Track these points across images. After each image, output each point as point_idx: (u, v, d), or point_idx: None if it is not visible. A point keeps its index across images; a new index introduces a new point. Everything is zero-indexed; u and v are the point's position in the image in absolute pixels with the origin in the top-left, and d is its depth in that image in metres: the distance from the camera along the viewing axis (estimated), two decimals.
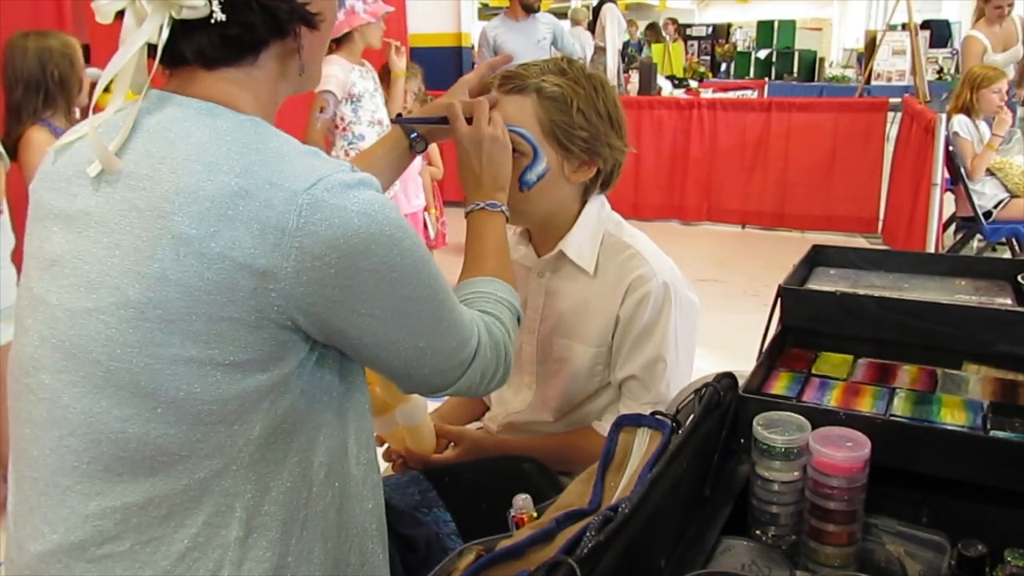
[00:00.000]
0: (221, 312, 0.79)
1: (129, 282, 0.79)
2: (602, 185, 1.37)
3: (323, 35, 0.95)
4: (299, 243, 0.79)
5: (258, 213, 0.78)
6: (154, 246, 0.79)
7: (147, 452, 0.81)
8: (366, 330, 0.86)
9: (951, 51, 11.80)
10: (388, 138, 1.31)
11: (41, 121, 2.52)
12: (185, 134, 0.83)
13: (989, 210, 4.34)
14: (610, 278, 1.35)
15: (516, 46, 4.96)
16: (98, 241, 0.82)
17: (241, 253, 0.78)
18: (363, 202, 0.82)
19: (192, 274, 0.78)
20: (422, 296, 0.89)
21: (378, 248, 0.82)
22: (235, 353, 0.80)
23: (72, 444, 0.83)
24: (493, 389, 1.04)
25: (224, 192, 0.79)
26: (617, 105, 1.33)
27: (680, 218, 6.23)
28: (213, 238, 0.78)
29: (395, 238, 0.84)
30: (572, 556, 0.68)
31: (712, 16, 17.50)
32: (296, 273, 0.79)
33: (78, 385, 0.82)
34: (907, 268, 1.46)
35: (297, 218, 0.79)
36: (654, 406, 1.30)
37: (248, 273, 0.78)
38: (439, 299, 0.91)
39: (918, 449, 0.96)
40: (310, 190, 0.80)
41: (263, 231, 0.78)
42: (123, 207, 0.82)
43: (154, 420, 0.81)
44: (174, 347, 0.79)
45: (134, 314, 0.79)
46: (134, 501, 0.82)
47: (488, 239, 1.16)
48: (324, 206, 0.80)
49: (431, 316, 0.91)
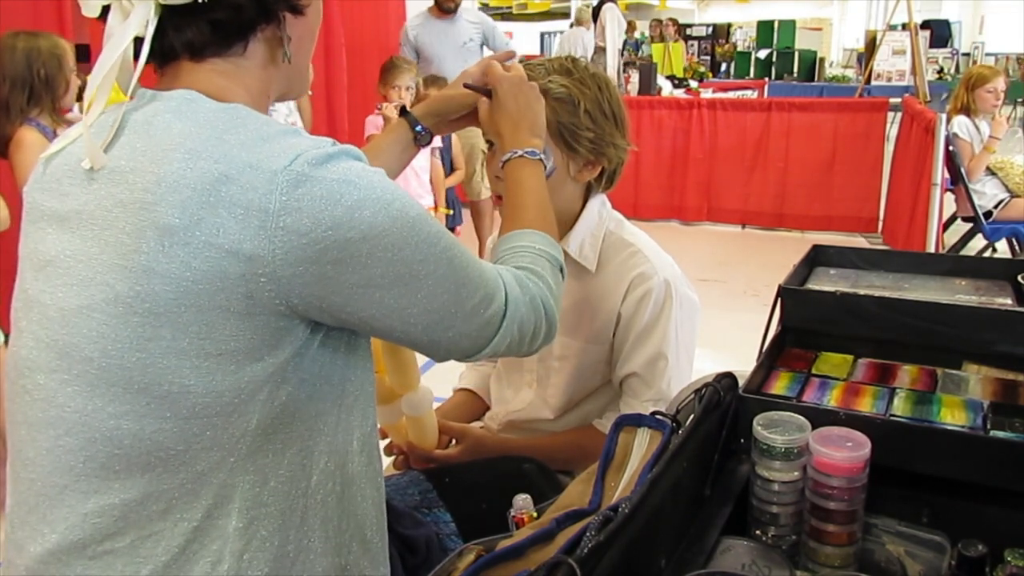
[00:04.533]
0: (211, 301, 0.78)
1: (117, 277, 0.79)
2: (605, 184, 1.38)
3: (309, 24, 0.94)
4: (283, 222, 0.77)
5: (240, 197, 0.77)
6: (139, 239, 0.78)
7: (143, 448, 0.81)
8: (371, 302, 0.83)
9: (951, 51, 11.81)
10: (392, 130, 1.30)
11: (29, 121, 2.54)
12: (166, 125, 0.82)
13: (989, 210, 4.34)
14: (611, 276, 1.35)
15: (438, 48, 4.70)
16: (88, 239, 0.82)
17: (227, 239, 0.77)
18: (344, 171, 0.80)
19: (179, 264, 0.77)
20: (424, 257, 0.85)
21: (365, 215, 0.80)
22: (227, 343, 0.79)
23: (68, 444, 0.83)
24: (540, 347, 0.99)
25: (205, 179, 0.78)
26: (621, 104, 1.34)
27: (680, 218, 6.23)
28: (197, 226, 0.77)
29: (383, 201, 0.81)
30: (572, 556, 0.68)
31: (712, 16, 17.50)
32: (284, 254, 0.78)
33: (72, 384, 0.82)
34: (907, 268, 1.46)
35: (279, 196, 0.77)
36: (655, 403, 1.31)
37: (235, 259, 0.77)
38: (446, 257, 0.87)
39: (918, 449, 0.96)
40: (289, 167, 0.78)
41: (246, 215, 0.77)
42: (109, 203, 0.81)
43: (148, 416, 0.80)
44: (165, 340, 0.79)
45: (124, 309, 0.79)
46: (132, 497, 0.82)
47: (526, 188, 1.12)
48: (305, 180, 0.78)
49: (439, 276, 0.86)
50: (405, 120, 1.30)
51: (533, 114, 1.17)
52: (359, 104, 5.33)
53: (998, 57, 12.98)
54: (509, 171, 1.14)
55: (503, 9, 15.22)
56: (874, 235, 5.64)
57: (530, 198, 1.11)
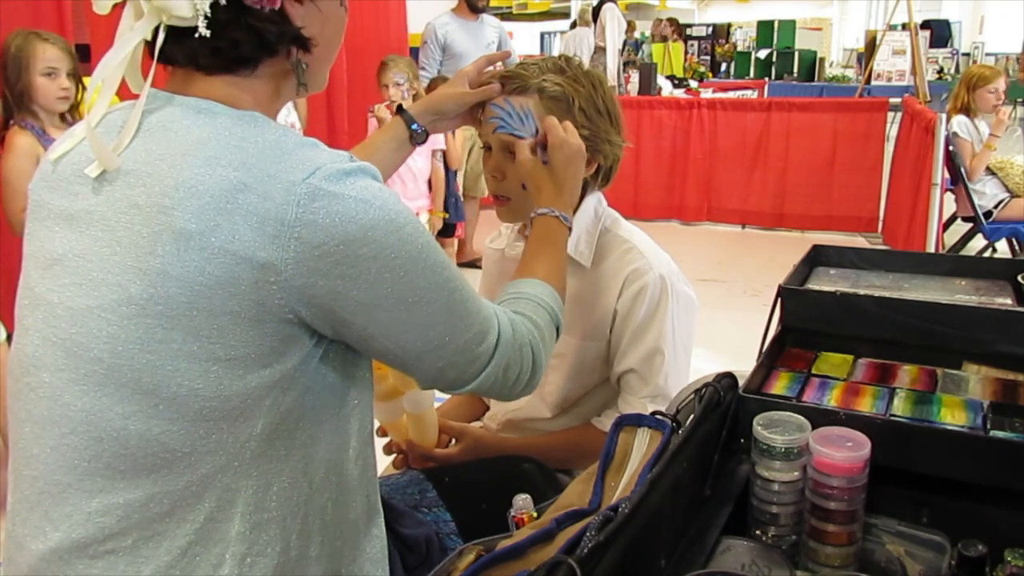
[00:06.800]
0: (223, 306, 0.79)
1: (131, 279, 0.79)
2: (602, 181, 1.38)
3: (323, 53, 0.94)
4: (298, 233, 0.78)
5: (257, 206, 0.78)
6: (155, 242, 0.79)
7: (149, 449, 0.81)
8: (372, 320, 0.85)
9: (951, 51, 11.81)
10: (388, 128, 1.31)
11: (23, 123, 2.54)
12: (184, 131, 0.83)
13: (989, 210, 4.34)
14: (607, 272, 1.36)
15: (466, 47, 4.83)
16: (99, 239, 0.82)
17: (241, 246, 0.78)
18: (361, 189, 0.81)
19: (193, 269, 0.78)
20: (429, 285, 0.87)
21: (378, 235, 0.81)
22: (236, 348, 0.80)
23: (73, 442, 0.83)
24: (521, 393, 1.00)
25: (223, 186, 0.78)
26: (615, 102, 1.34)
27: (680, 218, 6.23)
28: (213, 232, 0.78)
29: (395, 224, 0.83)
30: (572, 556, 0.68)
31: (712, 16, 17.50)
32: (296, 264, 0.79)
33: (79, 383, 0.82)
34: (907, 268, 1.46)
35: (296, 208, 0.78)
36: (653, 400, 1.31)
37: (249, 266, 0.78)
38: (449, 287, 0.89)
39: (918, 449, 0.96)
40: (308, 180, 0.79)
41: (262, 223, 0.78)
42: (123, 204, 0.82)
43: (156, 417, 0.81)
44: (176, 343, 0.79)
45: (136, 311, 0.79)
46: (136, 498, 0.82)
47: (550, 245, 1.15)
48: (322, 195, 0.79)
49: (441, 306, 0.88)
50: (401, 118, 1.30)
51: (576, 183, 1.24)
52: (359, 104, 5.33)
53: (998, 57, 12.97)
54: (538, 224, 1.18)
55: (503, 9, 15.20)
56: (874, 235, 5.64)
57: (550, 254, 1.15)
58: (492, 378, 0.95)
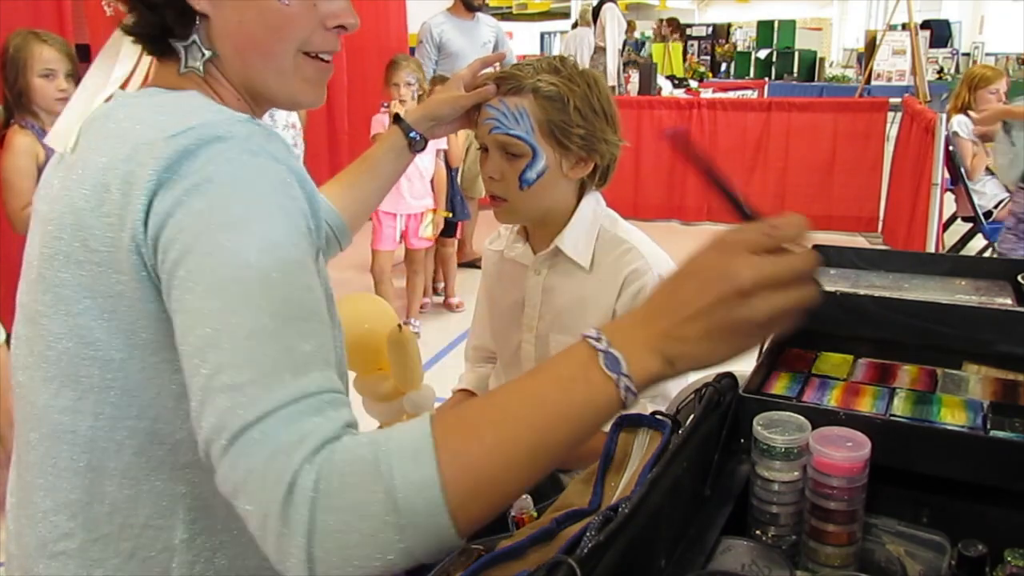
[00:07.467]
0: (113, 287, 0.76)
1: (54, 269, 0.80)
2: (599, 180, 1.38)
3: (246, 44, 0.85)
4: (151, 189, 0.73)
5: (129, 173, 0.74)
6: (60, 226, 0.79)
7: (84, 446, 0.81)
8: (181, 303, 0.71)
9: (951, 51, 11.80)
10: (386, 139, 1.30)
11: (24, 123, 2.54)
12: (114, 116, 0.83)
13: (989, 210, 4.34)
14: (606, 273, 1.36)
15: (462, 47, 4.80)
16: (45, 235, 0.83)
17: (115, 218, 0.75)
18: (216, 152, 0.74)
19: (81, 248, 0.77)
20: (248, 290, 0.68)
21: (217, 201, 0.72)
22: (138, 333, 0.77)
23: (33, 439, 0.84)
24: (278, 554, 0.62)
25: (114, 160, 0.76)
26: (610, 101, 1.35)
27: (680, 218, 6.23)
28: (97, 208, 0.76)
29: (244, 198, 0.72)
30: (572, 556, 0.68)
31: (712, 16, 17.50)
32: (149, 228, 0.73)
33: (36, 379, 0.83)
34: (907, 268, 1.46)
35: (155, 164, 0.73)
36: (652, 399, 1.31)
37: (128, 238, 0.74)
38: (277, 296, 0.69)
39: (918, 449, 0.96)
40: (175, 137, 0.74)
41: (128, 186, 0.74)
42: (62, 201, 0.81)
43: (82, 411, 0.80)
44: (92, 329, 0.78)
45: (76, 308, 0.79)
46: (78, 498, 0.82)
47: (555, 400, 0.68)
48: (185, 155, 0.73)
49: (249, 318, 0.67)
50: (398, 128, 1.29)
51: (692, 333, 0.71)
52: (359, 104, 5.33)
53: (998, 57, 12.97)
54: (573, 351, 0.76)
55: (503, 9, 15.20)
56: (874, 235, 5.65)
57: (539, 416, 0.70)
58: (227, 473, 0.64)
